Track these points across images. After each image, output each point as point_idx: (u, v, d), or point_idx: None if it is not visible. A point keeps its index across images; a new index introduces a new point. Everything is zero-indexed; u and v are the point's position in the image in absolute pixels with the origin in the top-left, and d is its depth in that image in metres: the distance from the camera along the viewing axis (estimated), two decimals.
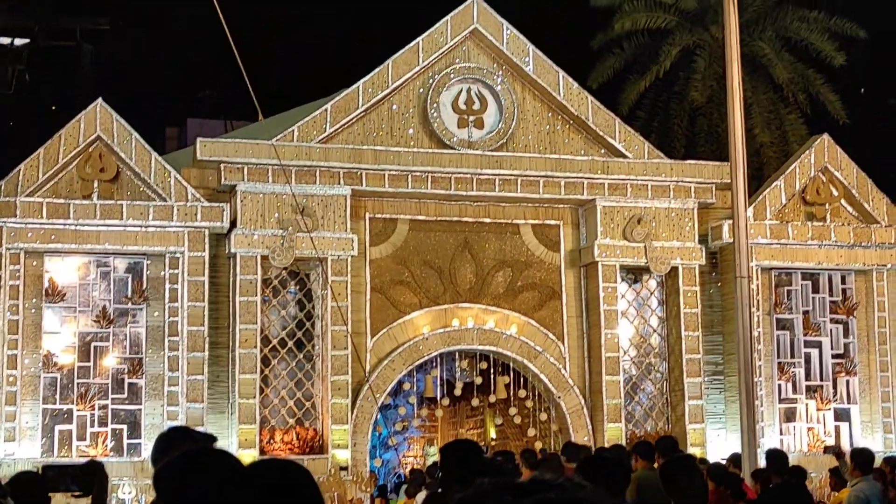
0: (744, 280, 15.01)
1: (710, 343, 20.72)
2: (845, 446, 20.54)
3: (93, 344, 18.51)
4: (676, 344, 20.38)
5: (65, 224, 18.10)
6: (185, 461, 3.26)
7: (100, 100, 18.70)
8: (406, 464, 23.94)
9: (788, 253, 20.80)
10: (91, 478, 3.89)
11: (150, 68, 33.38)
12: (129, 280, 18.70)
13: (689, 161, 21.63)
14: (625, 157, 20.49)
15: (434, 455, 25.27)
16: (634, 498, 9.32)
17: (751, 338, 15.03)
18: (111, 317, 18.55)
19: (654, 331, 20.75)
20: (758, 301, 20.13)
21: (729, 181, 16.07)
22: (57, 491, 4.10)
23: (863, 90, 31.82)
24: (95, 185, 18.49)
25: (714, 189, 20.63)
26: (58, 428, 18.20)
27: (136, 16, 31.39)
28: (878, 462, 14.14)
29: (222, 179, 18.82)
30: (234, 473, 3.38)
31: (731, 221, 16.68)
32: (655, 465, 12.33)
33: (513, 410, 20.69)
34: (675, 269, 20.37)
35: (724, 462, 14.41)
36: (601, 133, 20.47)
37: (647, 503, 9.03)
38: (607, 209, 20.26)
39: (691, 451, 18.78)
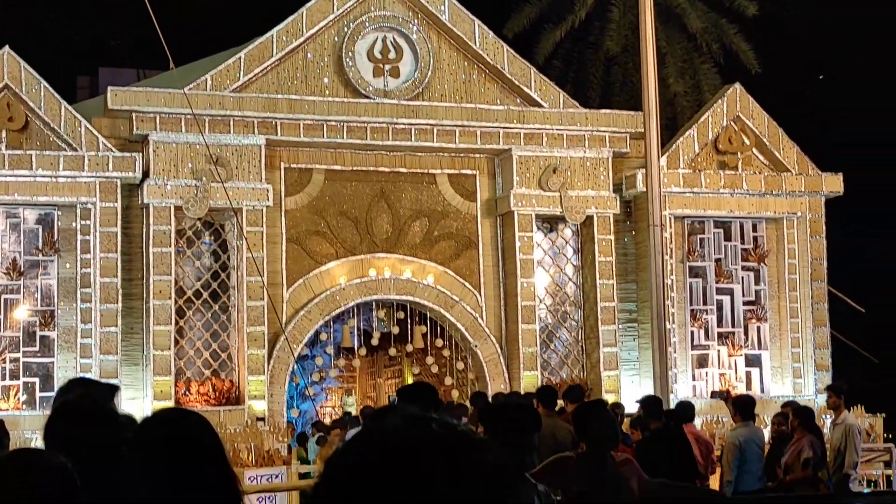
0: (657, 228, 15.15)
1: (625, 291, 20.90)
2: (755, 392, 20.92)
3: (3, 296, 18.19)
4: (591, 292, 20.52)
5: None
6: (70, 411, 3.19)
7: (7, 47, 18.26)
8: (324, 414, 23.96)
9: (701, 201, 21.01)
10: None
11: (60, 15, 32.68)
12: (40, 231, 18.38)
13: (603, 111, 21.69)
14: (540, 106, 20.50)
15: (351, 405, 25.31)
16: None
17: (664, 285, 15.21)
18: (22, 268, 18.23)
19: (570, 279, 20.88)
20: (671, 249, 20.32)
21: (643, 130, 16.17)
22: None
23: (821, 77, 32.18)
24: (3, 134, 18.09)
25: (628, 138, 20.74)
26: None
27: None
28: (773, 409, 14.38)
29: (134, 129, 18.53)
30: (120, 425, 3.32)
31: (644, 170, 16.80)
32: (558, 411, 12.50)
33: (430, 360, 20.74)
34: (590, 218, 20.48)
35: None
36: (517, 83, 20.45)
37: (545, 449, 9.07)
38: (523, 159, 20.28)
39: (606, 397, 18.96)
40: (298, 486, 15.32)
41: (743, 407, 12.89)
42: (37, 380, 18.20)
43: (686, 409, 13.42)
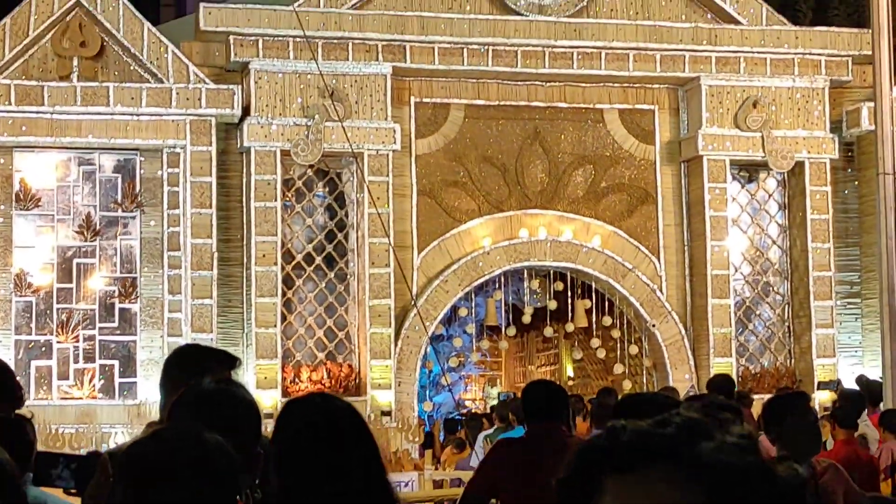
0: (888, 177, 14.89)
1: (845, 257, 20.64)
2: None
3: (75, 261, 18.69)
4: (801, 259, 20.30)
5: (38, 112, 18.19)
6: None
7: None
8: (463, 409, 24.12)
9: None
10: (89, 472, 3.90)
11: None
12: (119, 181, 18.82)
13: (818, 28, 21.38)
14: (737, 23, 20.29)
15: (495, 397, 25.44)
16: None
17: (895, 250, 14.94)
18: (97, 227, 18.69)
19: (774, 242, 20.69)
20: None
21: (870, 53, 15.87)
22: (46, 485, 4.13)
23: None
24: (75, 63, 18.54)
25: (850, 63, 20.40)
26: (34, 364, 18.46)
27: None
28: None
29: (232, 55, 18.83)
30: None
31: (871, 104, 16.50)
32: None
33: (595, 342, 20.75)
34: (800, 165, 20.24)
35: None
36: None
37: None
38: (714, 90, 20.10)
39: (821, 390, 18.83)
40: (433, 497, 15.49)
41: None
42: (116, 362, 18.68)
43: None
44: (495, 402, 25.07)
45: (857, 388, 15.67)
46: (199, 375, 4.27)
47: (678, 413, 1.92)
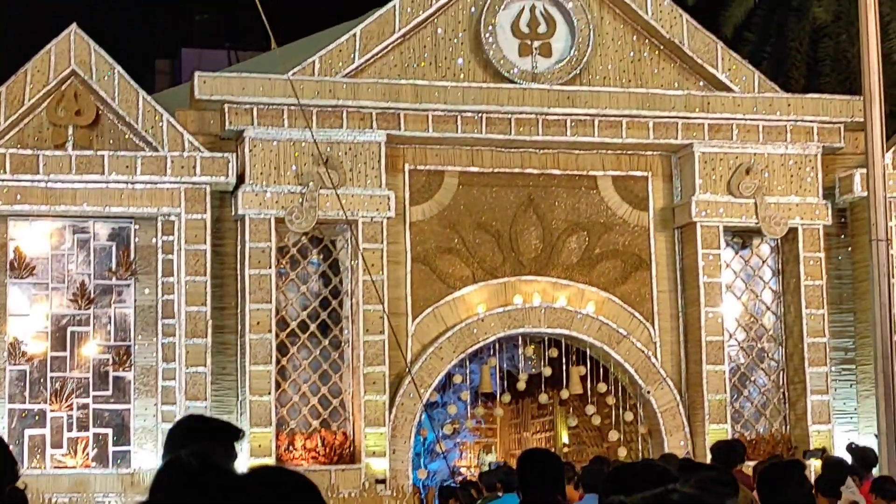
0: (881, 244, 14.92)
1: (839, 323, 20.63)
2: None
3: (69, 329, 18.67)
4: (796, 325, 20.30)
5: (33, 180, 18.23)
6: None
7: (74, 26, 18.79)
8: (458, 476, 24.03)
9: None
10: None
11: None
12: (113, 249, 18.84)
13: (810, 95, 21.47)
14: (730, 90, 20.38)
15: (488, 466, 25.35)
16: None
17: (890, 316, 14.95)
18: (91, 295, 18.69)
19: (768, 308, 20.69)
20: None
21: (862, 120, 15.97)
22: None
23: None
24: (70, 131, 18.61)
25: (842, 130, 20.49)
26: (28, 433, 18.40)
27: None
28: None
29: (227, 124, 18.90)
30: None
31: (864, 170, 16.58)
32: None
33: (590, 409, 20.69)
34: (793, 231, 20.28)
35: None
36: (699, 61, 20.37)
37: None
38: (707, 156, 20.18)
39: (807, 459, 18.74)
40: None
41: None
42: (109, 431, 18.62)
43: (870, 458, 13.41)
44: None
45: (841, 455, 15.60)
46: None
47: (675, 489, 1.92)
